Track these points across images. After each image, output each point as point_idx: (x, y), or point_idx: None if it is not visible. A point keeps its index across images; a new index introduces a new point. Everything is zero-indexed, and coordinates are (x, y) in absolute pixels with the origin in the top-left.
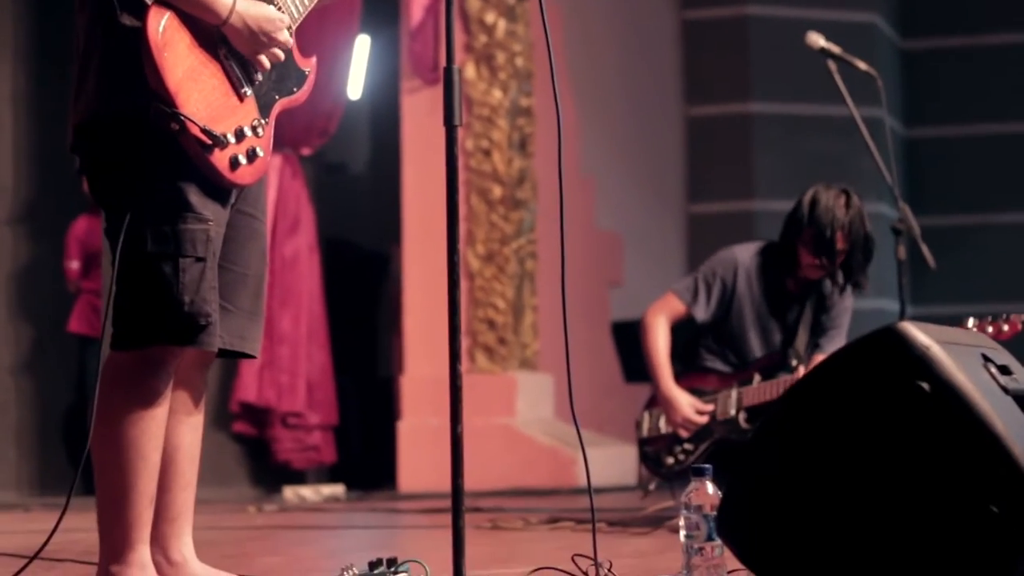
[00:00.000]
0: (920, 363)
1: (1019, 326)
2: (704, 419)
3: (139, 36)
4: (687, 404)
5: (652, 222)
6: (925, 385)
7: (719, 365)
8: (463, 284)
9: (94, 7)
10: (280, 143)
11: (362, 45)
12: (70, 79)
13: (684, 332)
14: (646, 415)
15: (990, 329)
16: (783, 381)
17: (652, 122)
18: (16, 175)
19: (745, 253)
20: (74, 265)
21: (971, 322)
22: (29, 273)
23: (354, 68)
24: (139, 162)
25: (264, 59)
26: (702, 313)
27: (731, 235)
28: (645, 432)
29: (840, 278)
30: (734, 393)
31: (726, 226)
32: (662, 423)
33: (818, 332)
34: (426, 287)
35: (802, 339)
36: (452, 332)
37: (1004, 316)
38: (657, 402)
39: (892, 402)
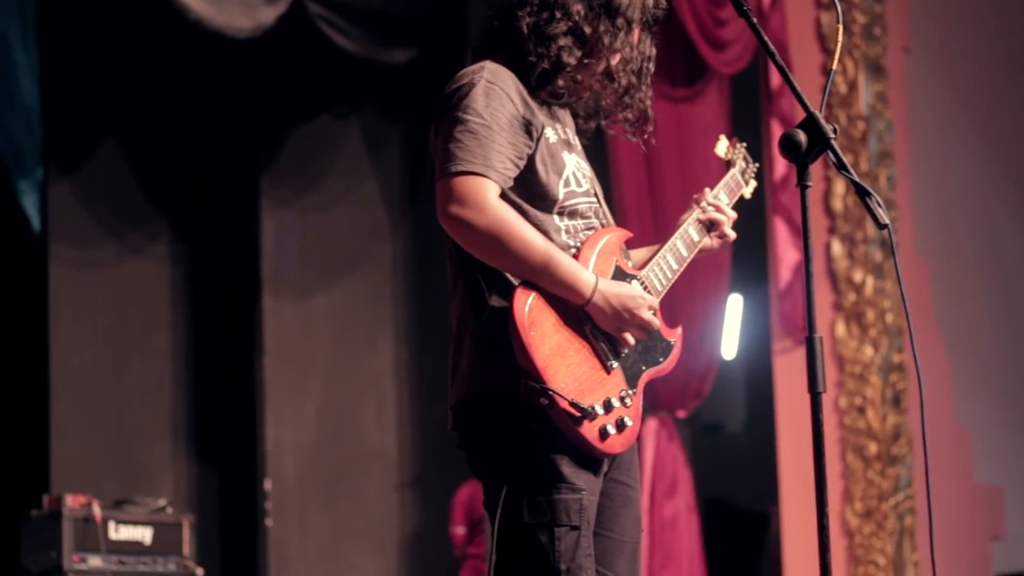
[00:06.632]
0: None
1: None
2: None
3: (507, 316)
4: None
5: None
6: None
7: None
8: (842, 542)
9: (465, 291)
10: (655, 406)
11: (734, 305)
12: (447, 352)
13: None
14: None
15: None
16: None
17: None
18: (401, 445)
19: None
20: (460, 531)
21: None
22: (417, 539)
23: (727, 328)
24: (512, 436)
25: (628, 336)
26: None
27: None
28: None
29: None
30: None
31: None
32: None
33: None
34: (805, 548)
35: None
36: None
37: None
38: None
39: None
